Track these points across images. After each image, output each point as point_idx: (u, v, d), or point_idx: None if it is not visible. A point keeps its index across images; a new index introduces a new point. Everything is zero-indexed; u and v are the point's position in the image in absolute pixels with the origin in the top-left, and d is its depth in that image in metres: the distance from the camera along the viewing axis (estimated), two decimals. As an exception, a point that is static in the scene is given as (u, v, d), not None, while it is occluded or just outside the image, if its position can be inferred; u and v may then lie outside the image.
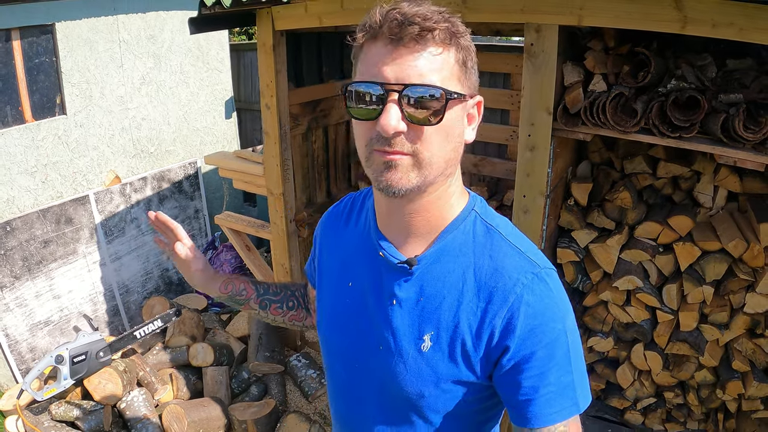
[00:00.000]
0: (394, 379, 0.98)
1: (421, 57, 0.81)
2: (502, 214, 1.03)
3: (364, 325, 1.02)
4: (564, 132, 2.37)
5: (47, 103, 3.97)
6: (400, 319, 0.96)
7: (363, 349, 1.03)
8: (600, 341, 2.91)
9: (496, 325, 0.89)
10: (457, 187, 0.95)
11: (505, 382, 0.90)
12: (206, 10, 2.88)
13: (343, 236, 1.12)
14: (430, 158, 0.85)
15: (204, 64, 5.06)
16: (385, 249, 0.97)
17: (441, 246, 0.94)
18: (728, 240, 2.48)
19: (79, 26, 3.98)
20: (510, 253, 0.92)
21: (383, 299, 0.99)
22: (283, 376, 3.72)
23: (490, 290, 0.90)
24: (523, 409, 0.89)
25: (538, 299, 0.88)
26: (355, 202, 1.14)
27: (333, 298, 1.10)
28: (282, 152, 3.35)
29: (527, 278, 0.89)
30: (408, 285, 0.96)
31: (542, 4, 2.14)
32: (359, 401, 1.08)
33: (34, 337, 3.88)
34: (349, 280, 1.06)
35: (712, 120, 2.11)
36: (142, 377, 3.38)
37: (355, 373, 1.06)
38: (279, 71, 3.19)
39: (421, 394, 0.96)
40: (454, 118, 0.86)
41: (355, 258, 1.06)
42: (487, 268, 0.91)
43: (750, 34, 1.80)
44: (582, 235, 2.82)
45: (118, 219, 4.40)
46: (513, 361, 0.88)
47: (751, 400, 2.67)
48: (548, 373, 0.87)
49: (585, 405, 0.91)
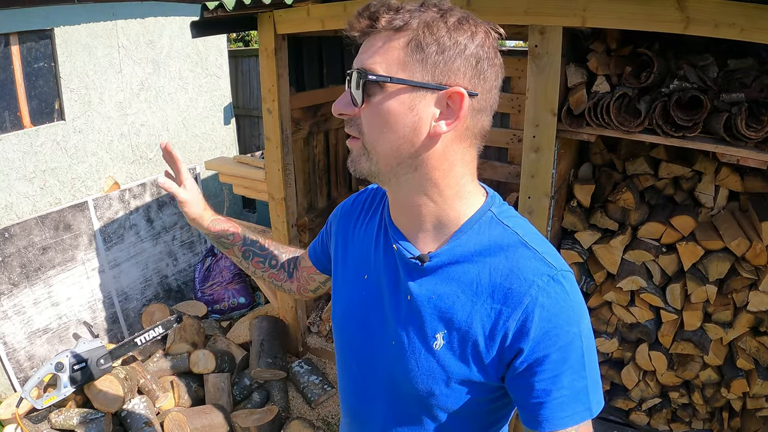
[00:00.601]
0: (405, 376, 0.97)
1: (368, 42, 0.86)
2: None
3: (378, 319, 1.02)
4: (568, 133, 2.38)
5: (46, 108, 3.95)
6: (413, 315, 0.96)
7: (376, 344, 1.03)
8: (604, 342, 2.92)
9: (510, 327, 0.87)
10: (463, 184, 0.93)
11: (518, 385, 0.90)
12: (208, 13, 2.89)
13: (361, 228, 1.12)
14: (372, 144, 0.88)
15: (203, 70, 5.06)
16: (400, 243, 0.98)
17: (455, 245, 0.93)
18: (731, 239, 2.49)
19: (78, 31, 3.97)
20: (526, 255, 0.90)
21: (399, 294, 0.98)
22: (285, 382, 3.70)
23: (505, 292, 0.88)
24: (535, 412, 0.88)
25: (553, 302, 0.86)
26: (376, 195, 1.14)
27: (349, 290, 1.10)
28: (284, 157, 3.35)
29: (543, 281, 0.87)
30: (421, 282, 0.95)
31: (546, 6, 2.16)
32: (369, 395, 1.08)
33: (32, 345, 3.84)
34: (365, 273, 1.06)
35: (715, 119, 2.13)
36: (143, 385, 3.35)
37: (366, 366, 1.06)
38: (281, 75, 3.20)
39: (431, 392, 0.95)
40: (395, 105, 0.84)
41: (371, 251, 1.06)
42: (503, 269, 0.90)
43: (751, 34, 1.83)
44: (585, 237, 2.83)
45: (117, 225, 4.37)
46: (526, 364, 0.87)
47: (755, 399, 2.68)
48: (561, 376, 0.86)
49: (598, 410, 0.90)
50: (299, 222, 3.62)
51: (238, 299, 4.56)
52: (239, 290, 4.61)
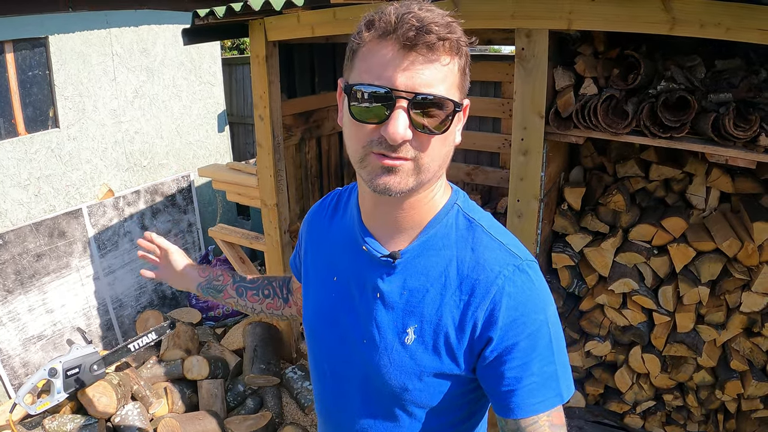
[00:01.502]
0: (378, 372, 0.98)
1: (431, 66, 0.80)
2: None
3: (349, 319, 1.03)
4: (556, 135, 2.38)
5: (40, 116, 3.97)
6: (383, 312, 0.97)
7: (348, 343, 1.03)
8: (597, 345, 2.91)
9: (478, 317, 0.89)
10: (440, 183, 0.96)
11: (488, 374, 0.91)
12: (199, 20, 2.90)
13: (328, 231, 1.13)
14: (429, 163, 0.86)
15: (197, 77, 5.07)
16: (369, 243, 0.98)
17: (424, 240, 0.95)
18: (722, 240, 2.49)
19: (72, 39, 3.99)
20: (491, 246, 0.93)
21: (367, 293, 0.99)
22: (278, 388, 3.68)
23: (473, 283, 0.91)
24: (506, 400, 0.89)
25: (519, 291, 0.89)
26: (341, 198, 1.15)
27: (319, 292, 1.11)
28: (275, 163, 3.36)
29: (509, 270, 0.90)
30: (391, 279, 0.96)
31: (532, 9, 2.17)
32: (344, 396, 1.08)
33: (27, 352, 3.84)
34: (334, 275, 1.07)
35: (703, 120, 2.13)
36: (137, 391, 3.34)
37: (339, 367, 1.07)
38: (272, 82, 3.21)
39: (405, 387, 0.96)
40: (455, 124, 0.88)
41: (340, 252, 1.07)
42: (469, 261, 0.92)
43: (737, 34, 1.83)
44: (576, 240, 2.83)
45: (111, 233, 4.37)
46: (496, 353, 0.89)
47: (750, 400, 2.67)
48: (531, 363, 0.88)
49: (568, 395, 0.92)
50: (292, 228, 3.62)
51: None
52: (234, 297, 4.59)
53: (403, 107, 0.80)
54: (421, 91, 0.80)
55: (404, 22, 0.79)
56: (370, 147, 0.84)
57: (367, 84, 0.81)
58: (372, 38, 0.83)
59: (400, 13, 0.80)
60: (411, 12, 0.80)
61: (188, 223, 5.05)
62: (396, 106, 0.80)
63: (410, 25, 0.78)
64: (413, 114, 0.80)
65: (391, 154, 0.83)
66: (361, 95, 0.82)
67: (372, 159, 0.85)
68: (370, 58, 0.83)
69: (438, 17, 0.80)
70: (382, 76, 0.80)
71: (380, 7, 0.84)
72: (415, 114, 0.81)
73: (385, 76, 0.80)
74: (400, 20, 0.79)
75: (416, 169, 0.85)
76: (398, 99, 0.80)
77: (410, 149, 0.83)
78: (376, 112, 0.81)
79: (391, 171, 0.84)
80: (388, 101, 0.80)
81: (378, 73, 0.81)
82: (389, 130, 0.80)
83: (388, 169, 0.84)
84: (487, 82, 4.00)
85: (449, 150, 0.90)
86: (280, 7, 2.64)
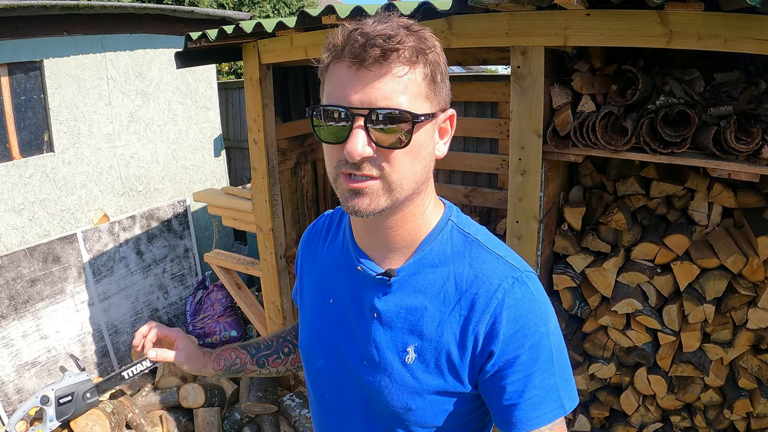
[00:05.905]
0: (380, 394, 0.96)
1: (385, 79, 0.80)
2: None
3: (347, 342, 1.01)
4: (555, 154, 2.35)
5: (35, 140, 3.94)
6: (381, 332, 0.95)
7: (347, 366, 1.01)
8: (602, 368, 2.84)
9: (479, 332, 0.88)
10: (431, 200, 0.95)
11: (490, 387, 0.90)
12: (192, 43, 2.89)
13: (321, 254, 1.12)
14: (399, 180, 0.84)
15: (192, 102, 5.07)
16: (363, 263, 0.97)
17: (419, 258, 0.94)
18: (726, 256, 2.44)
19: (67, 63, 3.99)
20: (489, 260, 0.92)
21: (364, 314, 0.98)
22: (276, 416, 3.61)
23: (472, 297, 0.89)
24: (509, 414, 0.88)
25: (519, 303, 0.88)
26: (333, 220, 1.14)
27: (315, 316, 1.09)
28: (270, 187, 3.32)
29: (508, 283, 0.89)
30: (387, 297, 0.95)
31: (527, 27, 2.15)
32: (345, 421, 1.05)
33: (20, 378, 3.76)
34: (330, 297, 1.05)
35: (703, 134, 2.10)
36: (131, 419, 3.26)
37: (339, 391, 1.04)
38: (266, 105, 3.19)
39: (408, 407, 0.94)
40: (423, 137, 0.85)
41: (334, 275, 1.05)
42: (468, 275, 0.91)
43: (736, 44, 1.81)
44: (578, 260, 2.78)
45: (106, 258, 4.32)
46: (497, 366, 0.88)
47: (759, 418, 2.59)
48: (532, 376, 0.87)
49: (571, 407, 0.90)
50: (288, 253, 3.57)
51: (229, 332, 4.48)
52: (231, 323, 4.54)
53: (360, 125, 0.80)
54: (378, 105, 0.79)
55: (350, 40, 0.80)
56: (339, 168, 0.85)
57: (324, 105, 0.83)
58: (329, 60, 0.84)
59: (347, 32, 0.81)
60: (358, 28, 0.81)
61: (184, 249, 5.00)
62: (354, 125, 0.80)
63: (355, 42, 0.79)
64: (372, 130, 0.80)
65: (356, 173, 0.83)
66: (323, 116, 0.83)
67: (341, 181, 0.85)
68: (330, 81, 0.84)
69: (388, 28, 0.80)
70: (339, 96, 0.82)
71: (333, 29, 0.84)
72: (375, 130, 0.80)
73: (342, 96, 0.81)
74: (347, 39, 0.80)
75: (386, 187, 0.84)
76: (356, 117, 0.80)
77: (374, 167, 0.83)
78: (337, 132, 0.82)
79: (358, 193, 0.84)
80: (347, 120, 0.81)
81: (336, 94, 0.82)
82: (347, 148, 0.80)
83: (355, 191, 0.84)
84: (484, 103, 3.99)
85: (426, 165, 0.88)
86: (272, 29, 2.63)
